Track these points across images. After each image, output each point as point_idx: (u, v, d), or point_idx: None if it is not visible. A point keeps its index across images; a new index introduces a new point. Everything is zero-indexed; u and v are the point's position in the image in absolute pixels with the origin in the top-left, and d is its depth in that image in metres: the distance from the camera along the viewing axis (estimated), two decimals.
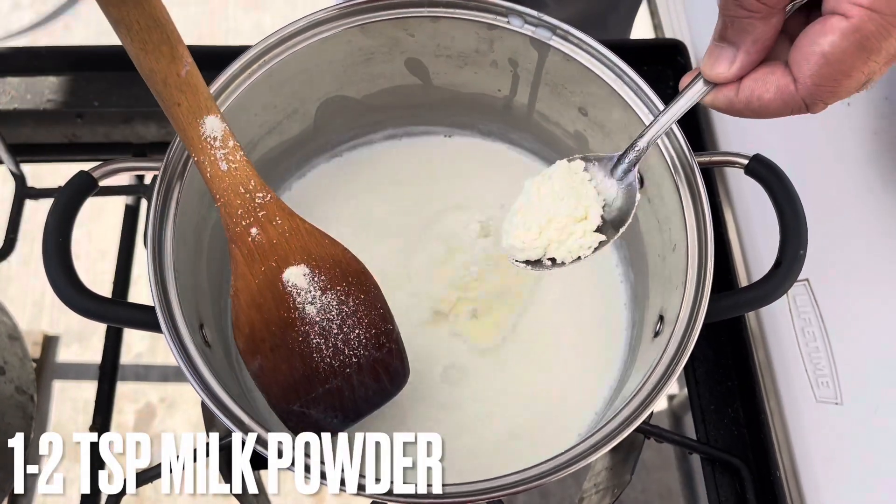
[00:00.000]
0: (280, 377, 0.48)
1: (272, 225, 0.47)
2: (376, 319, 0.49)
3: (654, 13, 1.23)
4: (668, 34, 0.83)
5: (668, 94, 0.50)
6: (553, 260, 0.49)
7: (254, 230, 0.47)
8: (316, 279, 0.48)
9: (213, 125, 0.47)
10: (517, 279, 0.63)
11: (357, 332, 0.48)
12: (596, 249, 0.49)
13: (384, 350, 0.49)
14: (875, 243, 0.67)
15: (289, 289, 0.47)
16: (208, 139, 0.46)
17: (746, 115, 0.43)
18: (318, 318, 0.47)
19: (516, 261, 0.49)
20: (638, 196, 0.47)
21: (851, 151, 0.71)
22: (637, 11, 1.03)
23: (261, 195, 0.47)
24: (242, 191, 0.47)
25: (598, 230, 0.48)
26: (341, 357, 0.48)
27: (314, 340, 0.47)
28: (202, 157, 0.47)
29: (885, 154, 0.70)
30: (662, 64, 0.78)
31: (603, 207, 0.48)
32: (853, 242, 0.67)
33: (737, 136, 0.72)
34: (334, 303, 0.48)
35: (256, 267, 0.47)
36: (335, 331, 0.48)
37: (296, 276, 0.48)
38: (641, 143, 0.47)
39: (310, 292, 0.48)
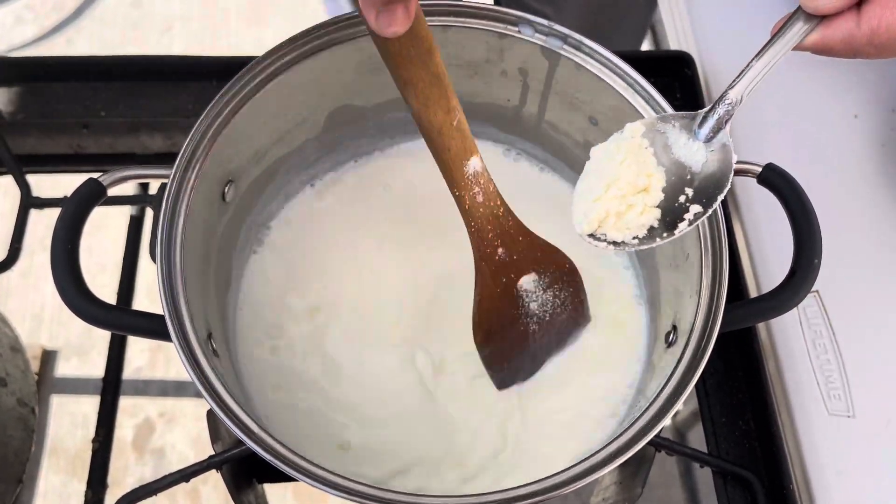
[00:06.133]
0: (504, 357, 0.58)
1: (515, 243, 0.54)
2: (577, 303, 0.59)
3: (653, 27, 1.22)
4: (674, 47, 0.82)
5: (675, 105, 0.49)
6: (616, 241, 0.43)
7: (500, 250, 0.53)
8: (541, 282, 0.56)
9: (474, 164, 0.51)
10: None
11: (563, 316, 0.58)
12: (692, 223, 0.42)
13: (579, 320, 0.60)
14: (884, 255, 0.67)
15: (521, 293, 0.55)
16: (469, 177, 0.51)
17: (867, 53, 0.36)
18: (537, 311, 0.57)
19: (588, 236, 0.44)
20: (734, 158, 0.41)
21: (860, 163, 0.71)
22: (645, 34, 1.01)
23: (507, 220, 0.53)
24: (492, 217, 0.52)
25: (688, 201, 0.42)
26: (550, 335, 0.58)
27: (532, 327, 0.57)
28: (463, 193, 0.51)
29: (892, 165, 0.70)
30: (669, 76, 0.77)
31: (690, 176, 0.42)
32: (862, 254, 0.67)
33: (745, 147, 0.72)
34: (550, 297, 0.57)
35: (499, 279, 0.54)
36: (548, 318, 0.57)
37: (527, 282, 0.55)
38: (732, 95, 0.40)
39: (535, 293, 0.56)
